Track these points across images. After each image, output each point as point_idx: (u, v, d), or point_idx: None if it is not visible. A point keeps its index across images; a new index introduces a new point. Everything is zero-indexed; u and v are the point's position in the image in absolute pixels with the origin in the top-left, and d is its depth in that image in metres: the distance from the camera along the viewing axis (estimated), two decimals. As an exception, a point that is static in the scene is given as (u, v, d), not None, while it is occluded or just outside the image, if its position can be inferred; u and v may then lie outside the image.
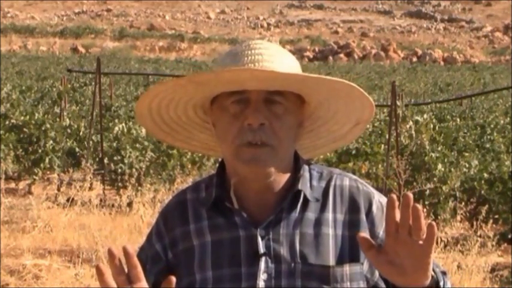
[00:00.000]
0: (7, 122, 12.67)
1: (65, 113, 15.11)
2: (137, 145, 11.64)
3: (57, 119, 14.14)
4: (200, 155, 11.86)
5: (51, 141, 12.47)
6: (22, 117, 12.78)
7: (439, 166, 9.90)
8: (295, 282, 1.96)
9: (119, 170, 11.26)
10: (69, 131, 13.49)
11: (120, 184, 11.16)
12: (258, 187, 2.02)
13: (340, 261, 1.98)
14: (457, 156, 11.24)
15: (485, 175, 10.18)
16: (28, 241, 8.49)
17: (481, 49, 79.45)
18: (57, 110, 15.50)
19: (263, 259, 1.97)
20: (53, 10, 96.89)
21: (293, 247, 1.98)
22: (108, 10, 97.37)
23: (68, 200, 9.88)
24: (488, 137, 14.40)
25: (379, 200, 2.06)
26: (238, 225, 2.01)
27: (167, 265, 2.07)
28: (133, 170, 10.86)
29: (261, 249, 1.97)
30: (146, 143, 11.65)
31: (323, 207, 2.03)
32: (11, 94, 19.37)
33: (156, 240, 2.10)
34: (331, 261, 1.97)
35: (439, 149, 10.50)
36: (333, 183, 2.06)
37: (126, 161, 11.24)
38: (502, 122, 16.96)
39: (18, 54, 57.21)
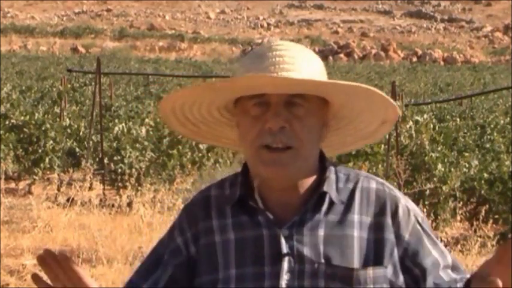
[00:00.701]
0: (7, 122, 12.67)
1: (65, 113, 15.11)
2: (137, 145, 11.64)
3: (57, 119, 14.14)
4: (200, 155, 11.86)
5: (51, 141, 12.47)
6: (22, 117, 12.78)
7: (439, 166, 9.90)
8: (318, 283, 1.95)
9: (119, 170, 11.26)
10: (69, 131, 13.49)
11: (120, 184, 11.15)
12: (281, 188, 2.01)
13: (364, 263, 1.97)
14: (457, 156, 11.23)
15: (485, 175, 10.18)
16: (28, 241, 8.49)
17: (481, 49, 79.44)
18: (57, 110, 15.50)
19: (286, 259, 1.96)
20: (53, 10, 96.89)
21: (317, 248, 1.97)
22: (108, 10, 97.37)
23: (68, 200, 9.88)
24: (488, 137, 14.40)
25: (405, 204, 2.05)
26: (261, 224, 2.01)
27: (188, 259, 2.06)
28: (133, 170, 10.86)
29: (284, 249, 1.97)
30: (146, 143, 11.65)
31: (348, 209, 2.02)
32: (11, 94, 19.37)
33: (178, 234, 2.09)
34: (355, 263, 1.97)
35: (439, 149, 10.50)
36: (359, 185, 2.05)
37: (126, 161, 11.24)
38: (502, 122, 16.95)
39: (18, 54, 57.20)
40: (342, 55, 68.99)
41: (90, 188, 10.86)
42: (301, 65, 1.99)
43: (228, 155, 11.65)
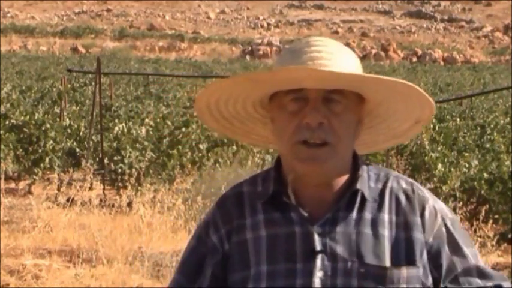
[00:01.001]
0: (7, 122, 12.67)
1: (65, 113, 15.11)
2: (137, 145, 11.64)
3: (57, 119, 14.14)
4: (200, 155, 11.86)
5: (51, 141, 12.47)
6: (22, 117, 12.78)
7: (439, 166, 9.90)
8: (351, 282, 1.95)
9: (119, 170, 11.26)
10: (69, 131, 13.50)
11: (120, 184, 11.16)
12: (315, 184, 2.01)
13: (397, 262, 1.96)
14: (457, 156, 11.23)
15: (485, 175, 10.17)
16: (28, 241, 8.48)
17: (481, 49, 79.41)
18: (57, 110, 15.50)
19: (319, 256, 1.96)
20: (53, 10, 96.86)
21: (350, 246, 1.97)
22: (108, 10, 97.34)
23: (68, 200, 9.88)
24: (488, 137, 14.39)
25: (433, 205, 2.04)
26: (294, 221, 2.00)
27: (222, 256, 2.06)
28: (133, 170, 10.86)
29: (317, 246, 1.96)
30: (146, 143, 11.65)
31: (379, 208, 2.02)
32: (11, 94, 19.38)
33: (213, 231, 2.08)
34: (388, 262, 1.96)
35: (439, 149, 10.50)
36: (389, 185, 2.05)
37: (126, 161, 11.24)
38: (502, 122, 16.93)
39: (18, 54, 57.16)
40: (342, 55, 68.91)
41: (90, 188, 10.86)
42: (339, 60, 1.98)
43: (228, 155, 11.65)
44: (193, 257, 2.10)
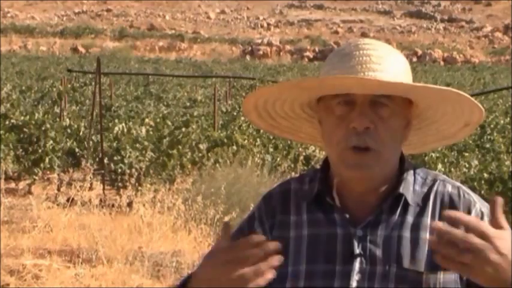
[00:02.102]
0: (7, 122, 12.68)
1: (65, 113, 15.12)
2: (137, 145, 11.65)
3: (57, 119, 14.15)
4: (200, 155, 11.86)
5: (51, 141, 12.47)
6: (22, 117, 12.79)
7: (439, 166, 9.91)
8: (388, 285, 1.94)
9: (119, 170, 11.27)
10: (69, 131, 13.50)
11: (120, 184, 11.16)
12: (361, 189, 2.01)
13: (434, 267, 1.94)
14: (457, 156, 11.23)
15: (485, 175, 10.17)
16: (28, 241, 8.49)
17: (481, 49, 79.44)
18: (57, 110, 15.51)
19: (358, 259, 1.96)
20: (53, 10, 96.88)
21: (389, 250, 1.96)
22: (108, 10, 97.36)
23: (68, 200, 9.88)
24: (488, 137, 14.40)
25: (480, 208, 2.02)
26: (336, 222, 2.01)
27: None
28: (133, 170, 10.86)
29: (357, 249, 1.97)
30: (146, 143, 11.66)
31: (422, 212, 2.01)
32: (11, 94, 19.40)
33: (258, 224, 2.09)
34: (425, 267, 1.96)
35: (439, 149, 10.50)
36: (434, 188, 2.04)
37: (126, 161, 11.24)
38: (502, 122, 16.95)
39: (18, 54, 57.20)
40: (342, 55, 68.92)
41: (90, 188, 10.86)
42: (388, 65, 1.98)
43: (228, 155, 11.65)
44: None
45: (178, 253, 8.24)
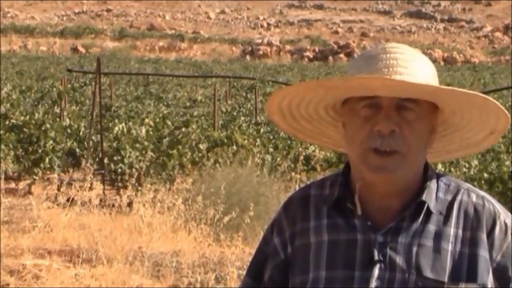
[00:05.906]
0: (7, 122, 12.68)
1: (65, 113, 15.13)
2: (137, 145, 11.65)
3: (57, 119, 14.15)
4: (200, 155, 11.86)
5: (51, 141, 12.47)
6: (22, 117, 12.79)
7: (439, 166, 9.90)
8: None
9: (119, 170, 11.27)
10: (69, 131, 13.50)
11: (120, 184, 11.17)
12: (383, 193, 1.99)
13: (456, 278, 1.94)
14: (457, 156, 11.21)
15: (485, 175, 10.18)
16: (28, 241, 8.48)
17: (481, 49, 79.42)
18: (57, 110, 15.51)
19: (377, 266, 1.95)
20: (53, 10, 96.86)
21: (409, 257, 1.95)
22: (108, 10, 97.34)
23: (68, 200, 9.88)
24: (488, 137, 14.38)
25: (504, 220, 2.00)
26: (357, 228, 1.99)
27: (284, 260, 2.06)
28: (133, 170, 10.86)
29: (377, 255, 1.95)
30: (146, 143, 11.66)
31: (445, 221, 1.99)
32: (11, 94, 19.40)
33: (276, 234, 2.09)
34: (447, 277, 1.94)
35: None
36: (458, 197, 2.01)
37: (126, 161, 11.25)
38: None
39: (18, 54, 57.14)
40: (342, 55, 69.00)
41: (90, 188, 10.86)
42: (415, 69, 1.97)
43: (228, 155, 11.65)
44: (259, 258, 2.12)
45: (178, 253, 8.24)
